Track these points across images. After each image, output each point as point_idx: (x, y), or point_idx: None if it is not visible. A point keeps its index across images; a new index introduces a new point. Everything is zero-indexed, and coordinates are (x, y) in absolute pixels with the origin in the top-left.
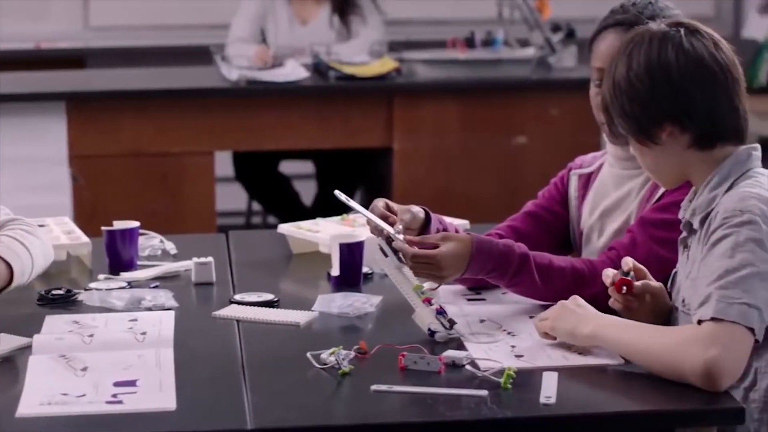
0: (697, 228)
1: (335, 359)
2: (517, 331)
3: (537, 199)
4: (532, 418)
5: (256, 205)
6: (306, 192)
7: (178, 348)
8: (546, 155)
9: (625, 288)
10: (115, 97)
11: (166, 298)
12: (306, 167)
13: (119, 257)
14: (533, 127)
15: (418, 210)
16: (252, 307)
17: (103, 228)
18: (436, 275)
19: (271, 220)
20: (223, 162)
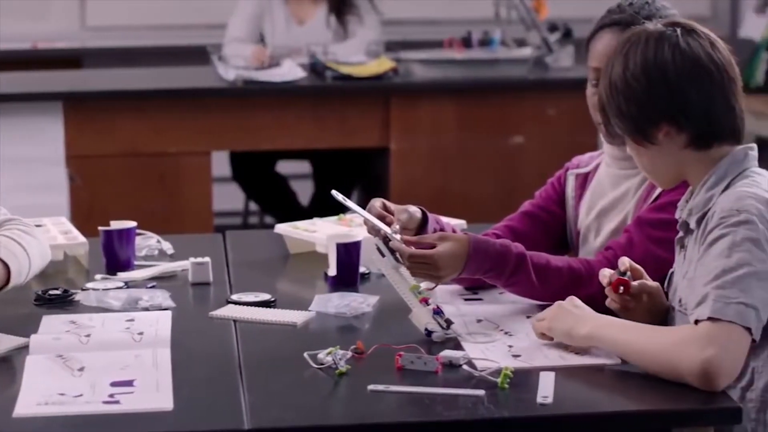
0: (694, 228)
1: (332, 359)
2: (514, 331)
3: (534, 199)
4: (529, 417)
5: (253, 205)
6: (303, 192)
7: (175, 348)
8: (543, 155)
9: (622, 288)
10: (112, 97)
11: (163, 298)
12: (303, 167)
13: (116, 257)
14: (530, 127)
15: (415, 210)
16: (249, 307)
17: (100, 228)
18: (433, 275)
19: (268, 220)
20: (220, 162)
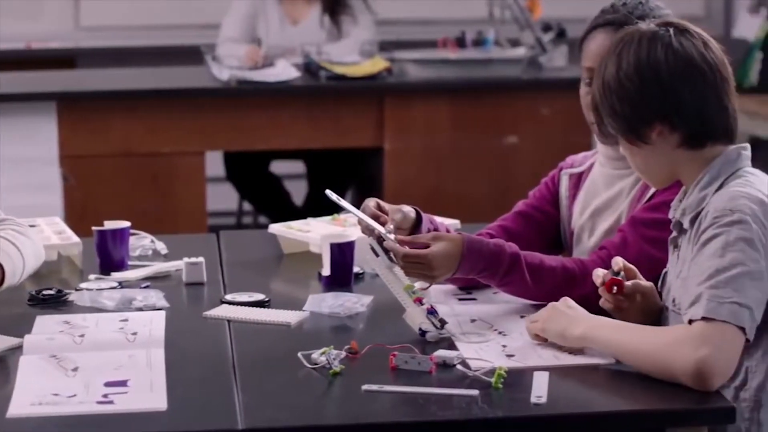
0: (687, 228)
1: (326, 359)
2: (508, 331)
3: (528, 199)
4: (523, 417)
5: (247, 205)
6: (297, 192)
7: (168, 348)
8: (537, 155)
9: (616, 288)
10: (106, 97)
11: (156, 298)
12: (297, 167)
13: (110, 257)
14: (524, 127)
15: (409, 210)
16: (243, 307)
17: (94, 228)
18: (427, 275)
19: (262, 220)
20: (214, 162)
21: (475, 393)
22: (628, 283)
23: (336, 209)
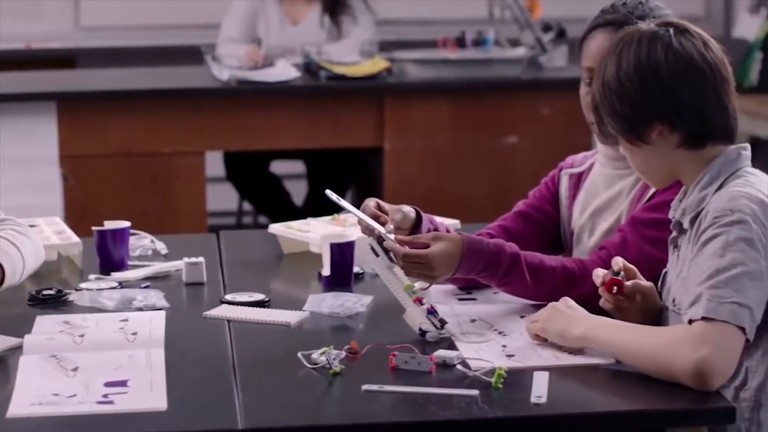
0: (687, 228)
1: (326, 359)
2: (508, 331)
3: (528, 199)
4: (523, 417)
5: (247, 205)
6: (297, 192)
7: (168, 348)
8: (537, 155)
9: (616, 288)
10: (106, 97)
11: (156, 298)
12: (297, 167)
13: (110, 257)
14: (524, 127)
15: (409, 210)
16: (243, 307)
17: (94, 228)
18: (427, 275)
19: (262, 220)
20: (214, 162)
21: (475, 393)
22: (628, 283)
23: (336, 209)
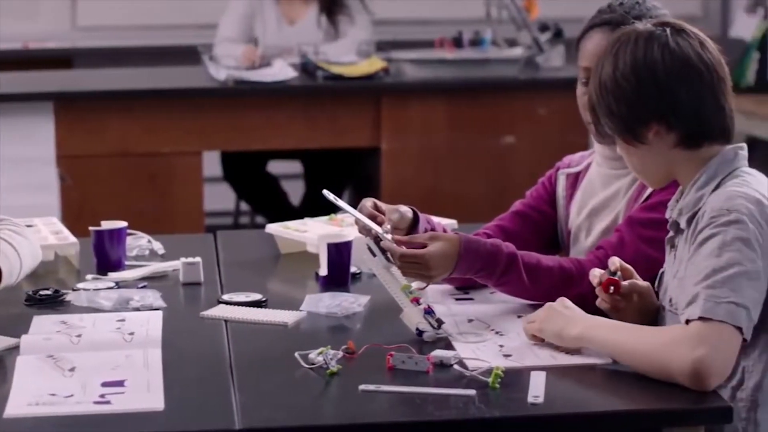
0: (684, 227)
1: (323, 359)
2: (505, 331)
3: (525, 199)
4: (520, 417)
5: (244, 205)
6: (294, 192)
7: (166, 348)
8: (534, 155)
9: (613, 288)
10: (103, 97)
11: (153, 298)
12: (294, 167)
13: (107, 257)
14: (521, 127)
15: (406, 210)
16: (240, 307)
17: (91, 228)
18: (424, 275)
19: (259, 220)
20: (211, 162)
21: (472, 393)
22: (624, 283)
23: (333, 209)
